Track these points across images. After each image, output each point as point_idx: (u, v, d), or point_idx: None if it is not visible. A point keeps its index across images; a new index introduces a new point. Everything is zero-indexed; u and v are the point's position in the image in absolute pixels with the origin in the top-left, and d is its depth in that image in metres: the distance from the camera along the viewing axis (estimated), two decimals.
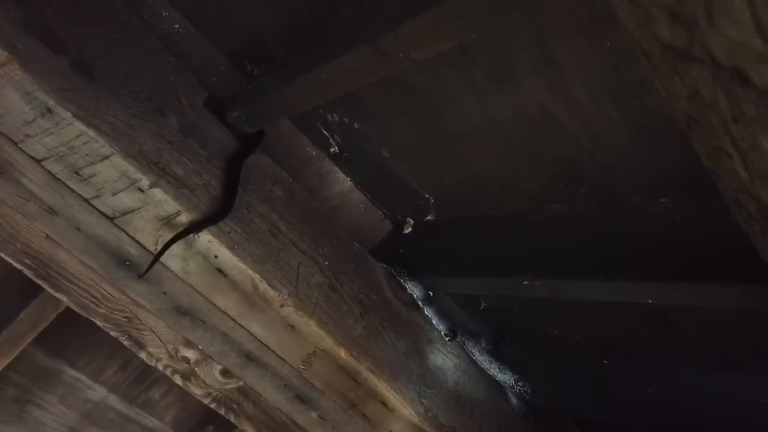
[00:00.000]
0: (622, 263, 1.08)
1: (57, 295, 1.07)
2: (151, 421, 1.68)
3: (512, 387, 1.65)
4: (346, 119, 1.38)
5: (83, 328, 1.55)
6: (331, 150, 1.53)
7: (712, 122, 0.35)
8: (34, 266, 1.02)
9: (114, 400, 1.63)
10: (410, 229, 1.64)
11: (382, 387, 1.23)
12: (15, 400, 1.54)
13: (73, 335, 1.55)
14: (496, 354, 1.63)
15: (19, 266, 1.02)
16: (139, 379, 1.65)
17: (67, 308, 1.41)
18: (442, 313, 1.55)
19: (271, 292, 1.09)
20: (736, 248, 0.90)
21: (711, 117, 0.35)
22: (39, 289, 1.36)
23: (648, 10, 0.33)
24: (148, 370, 1.67)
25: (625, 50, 0.86)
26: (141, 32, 1.16)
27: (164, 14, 1.34)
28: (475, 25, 0.73)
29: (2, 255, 1.01)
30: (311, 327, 1.13)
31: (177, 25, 1.36)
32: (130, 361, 1.62)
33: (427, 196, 1.50)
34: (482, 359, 1.58)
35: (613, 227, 1.13)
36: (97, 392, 1.61)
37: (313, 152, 1.58)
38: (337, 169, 1.60)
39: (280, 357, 1.15)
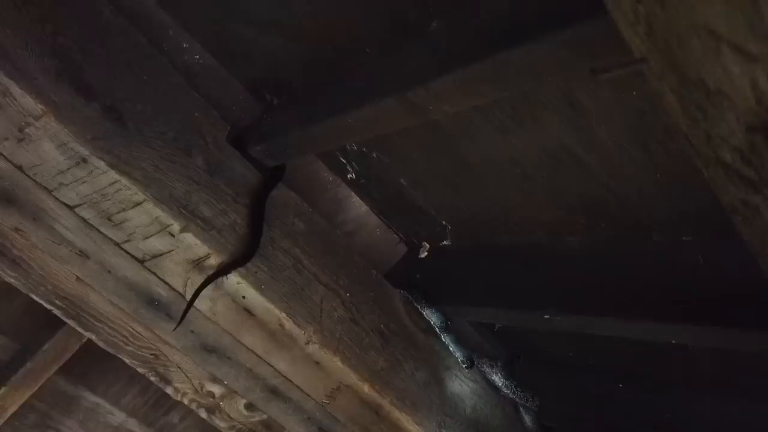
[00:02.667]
0: (642, 300, 1.09)
1: (86, 333, 1.08)
2: None
3: (526, 407, 1.66)
4: (364, 149, 1.39)
5: (103, 354, 1.57)
6: (348, 176, 1.54)
7: (762, 235, 0.37)
8: (64, 307, 1.04)
9: (133, 425, 1.64)
10: (426, 253, 1.65)
11: (405, 420, 1.24)
12: (36, 426, 1.56)
13: (93, 362, 1.56)
14: (510, 373, 1.64)
15: (49, 307, 1.04)
16: (158, 404, 1.66)
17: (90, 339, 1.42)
18: (459, 339, 1.56)
19: (296, 330, 1.11)
20: (760, 292, 0.91)
21: (762, 227, 0.36)
22: (63, 321, 1.38)
23: (718, 151, 0.34)
24: (167, 394, 1.69)
25: (652, 98, 0.87)
26: (164, 68, 1.17)
27: (185, 46, 1.35)
28: (509, 86, 0.74)
29: (33, 296, 1.02)
30: (336, 363, 1.15)
31: (197, 56, 1.37)
32: (149, 385, 1.64)
33: (444, 222, 1.51)
34: (497, 380, 1.59)
35: (634, 263, 1.14)
36: (117, 417, 1.63)
37: (330, 178, 1.60)
38: (353, 194, 1.62)
39: (304, 392, 1.17)
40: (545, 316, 1.19)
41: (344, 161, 1.49)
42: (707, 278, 1.00)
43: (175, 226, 0.98)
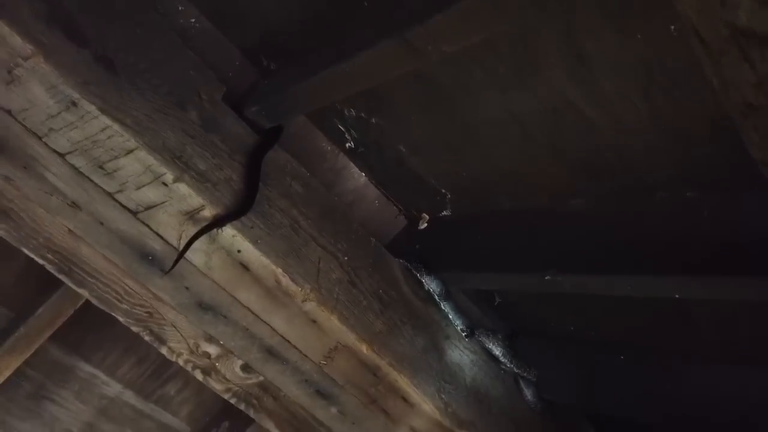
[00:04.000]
0: (646, 258, 1.07)
1: (79, 290, 1.06)
2: (167, 417, 1.68)
3: (527, 381, 1.64)
4: (363, 114, 1.37)
5: (99, 323, 1.55)
6: (347, 145, 1.52)
7: None
8: (56, 261, 1.02)
9: (130, 396, 1.63)
10: (426, 224, 1.63)
11: (403, 382, 1.23)
12: (30, 396, 1.54)
13: (89, 331, 1.55)
14: (511, 348, 1.63)
15: (41, 261, 1.02)
16: (155, 375, 1.65)
17: (84, 304, 1.41)
18: (458, 309, 1.54)
19: (293, 287, 1.09)
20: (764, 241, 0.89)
21: None
22: (57, 285, 1.36)
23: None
24: (164, 365, 1.68)
25: (657, 42, 0.85)
26: (160, 25, 1.15)
27: (180, 8, 1.33)
28: (508, 17, 0.72)
29: (24, 250, 1.00)
30: (333, 322, 1.13)
31: (193, 20, 1.35)
32: (146, 356, 1.62)
33: (443, 191, 1.49)
34: (498, 353, 1.57)
35: (637, 222, 1.12)
36: (113, 388, 1.61)
37: (328, 147, 1.57)
38: (352, 164, 1.60)
39: (301, 352, 1.15)
40: (546, 278, 1.17)
41: (342, 128, 1.47)
42: (710, 232, 0.98)
43: (169, 176, 0.96)
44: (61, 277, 1.04)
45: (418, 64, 0.88)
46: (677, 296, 1.01)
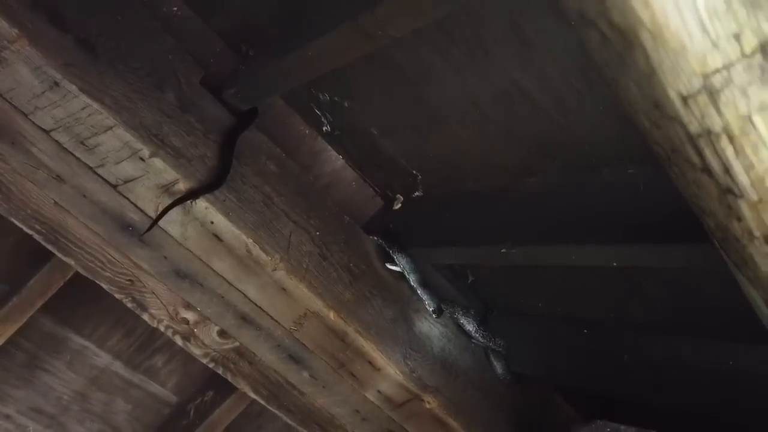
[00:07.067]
0: (592, 231, 1.15)
1: (65, 259, 1.15)
2: (154, 387, 1.77)
3: (497, 354, 1.72)
4: (336, 98, 1.45)
5: (89, 297, 1.64)
6: (324, 129, 1.59)
7: None
8: (44, 231, 1.10)
9: (118, 367, 1.72)
10: (399, 205, 1.71)
11: (369, 347, 1.31)
12: (24, 365, 1.63)
13: (79, 304, 1.63)
14: (482, 323, 1.71)
15: (29, 231, 1.10)
16: (143, 347, 1.74)
17: (74, 277, 1.49)
18: (429, 288, 1.62)
19: (263, 257, 1.17)
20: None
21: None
22: (47, 258, 1.44)
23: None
24: (151, 338, 1.77)
25: None
26: (141, 13, 1.22)
27: None
28: (446, 4, 0.80)
29: (14, 220, 1.08)
30: (302, 290, 1.21)
31: (175, 8, 1.42)
32: (133, 329, 1.71)
33: (414, 172, 1.56)
34: (468, 325, 1.65)
35: (585, 198, 1.20)
36: (103, 359, 1.70)
37: (306, 131, 1.64)
38: (329, 147, 1.66)
39: (273, 318, 1.24)
40: (502, 250, 1.26)
41: (318, 112, 1.55)
42: (646, 204, 1.06)
43: (145, 151, 1.04)
44: (48, 246, 1.13)
45: (370, 48, 0.95)
46: (615, 264, 1.09)
